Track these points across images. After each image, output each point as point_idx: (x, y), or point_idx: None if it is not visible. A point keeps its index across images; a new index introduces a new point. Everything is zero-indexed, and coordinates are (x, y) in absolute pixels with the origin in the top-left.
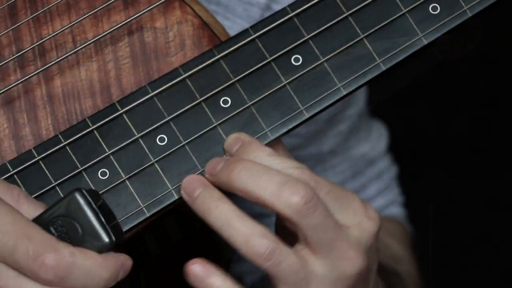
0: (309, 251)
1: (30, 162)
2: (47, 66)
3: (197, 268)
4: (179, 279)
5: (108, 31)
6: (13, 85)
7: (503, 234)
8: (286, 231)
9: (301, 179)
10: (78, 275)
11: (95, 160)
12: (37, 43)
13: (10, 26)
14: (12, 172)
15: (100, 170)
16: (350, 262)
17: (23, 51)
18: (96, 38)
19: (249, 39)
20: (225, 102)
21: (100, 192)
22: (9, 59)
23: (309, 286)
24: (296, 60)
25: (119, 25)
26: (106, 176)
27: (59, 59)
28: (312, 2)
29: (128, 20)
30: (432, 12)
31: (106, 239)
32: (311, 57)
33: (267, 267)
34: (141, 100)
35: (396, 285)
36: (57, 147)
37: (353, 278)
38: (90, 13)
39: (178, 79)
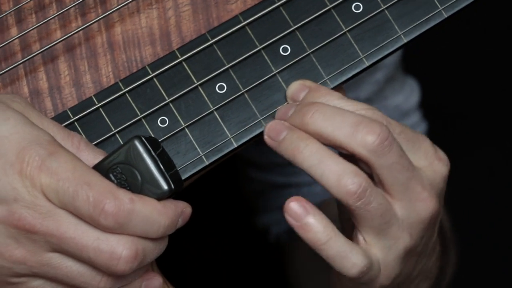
0: (385, 193)
1: (90, 109)
2: (107, 13)
3: (295, 206)
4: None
5: None
6: (74, 32)
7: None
8: None
9: (375, 119)
10: (137, 222)
11: (155, 108)
12: None
13: None
14: (72, 119)
15: (160, 118)
16: (425, 204)
17: None
18: None
19: None
20: (285, 50)
21: (159, 140)
22: (70, 6)
23: (390, 230)
24: (357, 7)
25: None
26: (166, 124)
27: (119, 6)
28: None
29: None
30: None
31: (165, 187)
32: (372, 4)
33: (357, 206)
34: (201, 47)
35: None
36: (117, 95)
37: (427, 221)
38: None
39: (238, 26)
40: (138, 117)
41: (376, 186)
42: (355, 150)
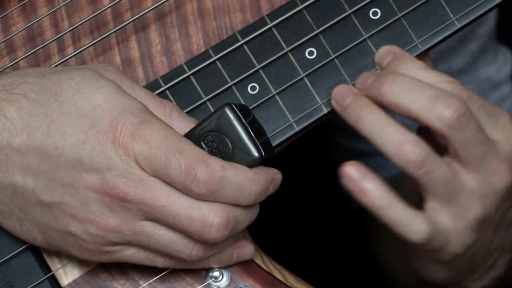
0: (459, 164)
1: (181, 77)
2: None
3: (351, 170)
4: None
5: None
6: (165, 0)
7: None
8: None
9: (454, 93)
10: (229, 189)
11: (245, 75)
12: None
13: None
14: (164, 88)
15: (250, 85)
16: (500, 177)
17: None
18: None
19: None
20: (375, 13)
21: (250, 107)
22: None
23: (458, 199)
24: None
25: None
26: (256, 91)
27: None
28: None
29: None
30: None
31: (256, 154)
32: None
33: (419, 175)
34: (291, 13)
35: None
36: (207, 62)
37: (502, 193)
38: None
39: None
40: (229, 84)
41: (439, 156)
42: (431, 124)
